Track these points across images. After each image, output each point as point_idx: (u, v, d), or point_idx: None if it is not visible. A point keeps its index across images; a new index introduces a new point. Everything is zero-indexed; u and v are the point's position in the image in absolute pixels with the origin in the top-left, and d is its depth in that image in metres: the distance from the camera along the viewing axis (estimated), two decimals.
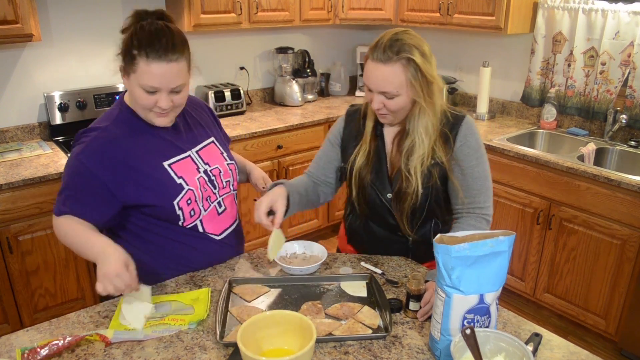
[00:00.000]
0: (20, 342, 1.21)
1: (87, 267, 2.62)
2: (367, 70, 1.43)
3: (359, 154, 1.55)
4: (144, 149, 1.42)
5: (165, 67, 1.29)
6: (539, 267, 2.77)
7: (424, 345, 1.21)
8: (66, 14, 2.83)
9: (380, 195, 1.54)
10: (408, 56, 1.36)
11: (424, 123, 1.45)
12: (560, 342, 1.23)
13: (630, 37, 2.70)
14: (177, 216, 1.43)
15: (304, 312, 1.30)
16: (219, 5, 3.02)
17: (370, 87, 1.43)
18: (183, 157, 1.48)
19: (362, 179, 1.55)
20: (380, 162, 1.54)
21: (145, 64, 1.29)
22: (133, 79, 1.32)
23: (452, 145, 1.48)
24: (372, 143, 1.55)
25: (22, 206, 2.36)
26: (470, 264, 1.08)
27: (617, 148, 2.81)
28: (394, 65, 1.37)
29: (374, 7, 3.62)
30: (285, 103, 3.67)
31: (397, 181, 1.51)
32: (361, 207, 1.60)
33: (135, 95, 1.34)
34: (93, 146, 1.37)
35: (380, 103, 1.43)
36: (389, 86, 1.39)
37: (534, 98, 3.21)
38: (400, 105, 1.43)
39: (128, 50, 1.31)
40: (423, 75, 1.38)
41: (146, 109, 1.37)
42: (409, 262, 1.59)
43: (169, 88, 1.33)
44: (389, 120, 1.50)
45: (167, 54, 1.29)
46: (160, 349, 1.19)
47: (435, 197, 1.51)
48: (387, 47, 1.37)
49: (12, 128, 2.82)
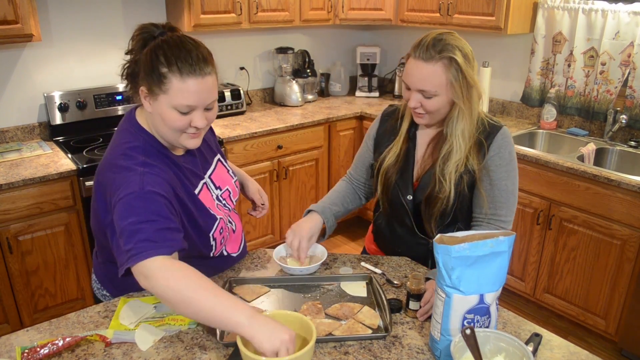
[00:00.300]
0: (20, 342, 1.21)
1: (87, 267, 2.63)
2: (408, 68, 1.43)
3: (389, 154, 1.56)
4: (177, 181, 1.29)
5: (201, 83, 1.18)
6: (539, 267, 2.77)
7: (424, 345, 1.21)
8: (66, 14, 2.83)
9: (402, 196, 1.55)
10: (450, 56, 1.36)
11: (461, 127, 1.43)
12: (560, 342, 1.23)
13: (630, 37, 2.70)
14: (210, 247, 1.37)
15: (304, 312, 1.30)
16: (219, 5, 3.02)
17: (409, 84, 1.42)
18: (202, 184, 1.39)
19: (388, 178, 1.56)
20: (408, 164, 1.55)
21: (180, 82, 1.16)
22: (164, 101, 1.19)
23: (486, 154, 1.46)
24: (404, 144, 1.55)
25: (22, 206, 2.36)
26: (470, 264, 1.08)
27: (617, 148, 2.81)
28: (436, 65, 1.36)
29: (374, 7, 3.62)
30: (285, 103, 3.67)
31: (426, 185, 1.49)
32: (384, 206, 1.62)
33: (167, 118, 1.20)
34: (150, 177, 1.20)
35: (418, 102, 1.42)
36: (428, 85, 1.38)
37: (534, 98, 3.21)
38: (437, 106, 1.41)
39: (153, 69, 1.17)
40: (464, 77, 1.38)
41: (179, 131, 1.23)
42: (408, 262, 1.59)
43: (204, 105, 1.22)
44: (425, 121, 1.48)
45: (202, 67, 1.18)
46: (160, 349, 1.19)
47: (461, 203, 1.50)
48: (430, 46, 1.36)
49: (12, 128, 2.82)
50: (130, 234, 1.12)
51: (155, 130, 1.29)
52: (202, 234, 1.34)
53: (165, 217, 1.17)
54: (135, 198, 1.16)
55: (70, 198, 2.48)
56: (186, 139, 1.26)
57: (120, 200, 1.16)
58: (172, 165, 1.30)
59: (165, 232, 1.15)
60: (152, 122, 1.28)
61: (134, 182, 1.18)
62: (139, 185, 1.17)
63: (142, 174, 1.20)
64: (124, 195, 1.16)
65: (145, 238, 1.12)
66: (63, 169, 2.44)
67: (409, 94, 1.44)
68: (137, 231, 1.12)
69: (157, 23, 1.26)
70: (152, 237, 1.12)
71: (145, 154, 1.25)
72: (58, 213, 2.47)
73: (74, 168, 2.46)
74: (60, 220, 2.48)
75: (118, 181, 1.19)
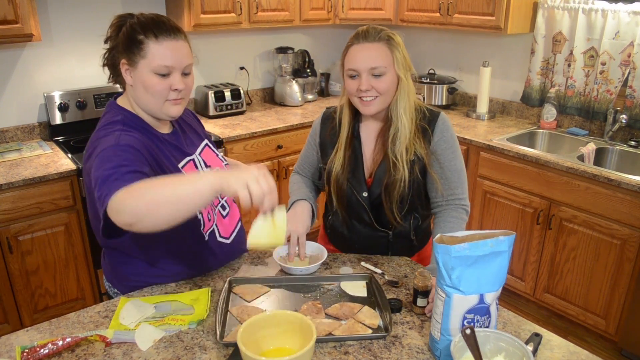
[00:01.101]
0: (20, 342, 1.21)
1: (87, 267, 2.63)
2: (352, 54, 1.48)
3: (335, 160, 1.59)
4: (159, 152, 1.34)
5: (176, 44, 1.29)
6: (539, 267, 2.77)
7: (424, 345, 1.21)
8: (66, 14, 2.83)
9: (357, 194, 1.59)
10: (390, 35, 1.48)
11: (402, 105, 1.50)
12: (560, 342, 1.23)
13: (630, 37, 2.70)
14: (198, 220, 1.40)
15: (304, 312, 1.30)
16: (219, 5, 3.02)
17: (358, 68, 1.47)
18: (188, 160, 1.44)
19: (340, 184, 1.59)
20: (357, 162, 1.59)
21: (157, 44, 1.26)
22: (143, 66, 1.27)
23: (431, 139, 1.54)
24: (349, 145, 1.59)
25: (22, 206, 2.36)
26: (470, 264, 1.08)
27: (617, 148, 2.81)
28: (379, 44, 1.46)
29: (374, 7, 3.62)
30: (285, 103, 3.67)
31: (382, 175, 1.54)
32: (340, 206, 1.65)
33: (148, 84, 1.28)
34: (126, 136, 1.25)
35: (369, 84, 1.46)
36: (378, 61, 1.45)
37: (534, 98, 3.21)
38: (388, 84, 1.47)
39: (131, 38, 1.27)
40: (403, 56, 1.48)
41: (161, 96, 1.30)
42: (408, 262, 1.59)
43: (182, 66, 1.30)
44: (375, 108, 1.51)
45: (175, 32, 1.29)
46: (160, 349, 1.19)
47: (416, 190, 1.57)
48: (367, 32, 1.47)
49: (12, 128, 2.82)
50: (101, 181, 1.12)
51: (138, 104, 1.34)
52: None
53: (137, 163, 1.18)
54: (109, 150, 1.19)
55: (70, 198, 2.48)
56: (169, 107, 1.32)
57: (97, 156, 1.19)
58: (153, 138, 1.35)
59: (135, 174, 1.14)
60: (134, 97, 1.33)
61: (110, 140, 1.23)
62: (115, 140, 1.22)
63: (118, 136, 1.24)
64: (100, 151, 1.20)
65: (115, 179, 1.11)
66: (63, 169, 2.44)
67: (357, 81, 1.48)
68: (107, 177, 1.12)
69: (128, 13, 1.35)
70: (121, 178, 1.11)
71: (123, 124, 1.30)
72: (58, 213, 2.47)
73: (73, 168, 2.46)
74: (60, 220, 2.48)
75: (97, 148, 1.23)
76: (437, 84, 3.56)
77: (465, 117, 3.44)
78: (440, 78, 3.63)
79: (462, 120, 3.35)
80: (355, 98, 1.52)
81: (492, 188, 2.91)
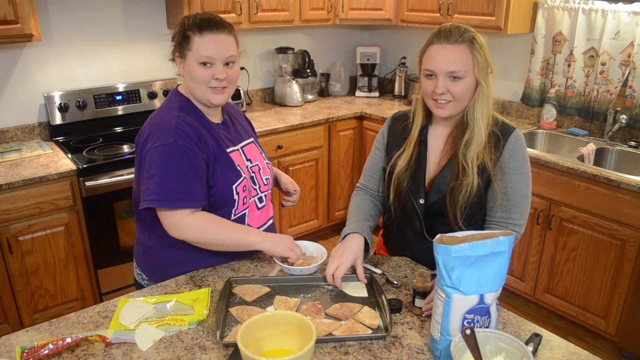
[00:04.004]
0: (20, 342, 1.21)
1: (87, 267, 2.63)
2: (431, 54, 1.42)
3: (401, 158, 1.54)
4: (209, 137, 1.48)
5: (217, 37, 1.42)
6: (539, 267, 2.77)
7: (424, 346, 1.21)
8: (66, 14, 2.83)
9: (414, 200, 1.53)
10: (473, 36, 1.40)
11: (481, 110, 1.44)
12: (560, 343, 1.23)
13: (630, 37, 2.70)
14: (234, 200, 1.50)
15: (304, 312, 1.30)
16: (219, 5, 3.02)
17: (436, 69, 1.41)
18: (235, 149, 1.56)
19: (400, 184, 1.54)
20: (420, 167, 1.53)
21: (199, 38, 1.41)
22: (190, 58, 1.42)
23: (501, 152, 1.46)
24: (415, 148, 1.54)
25: (22, 206, 2.36)
26: (470, 264, 1.08)
27: (617, 148, 2.81)
28: (461, 45, 1.39)
29: (374, 7, 3.62)
30: (285, 103, 3.67)
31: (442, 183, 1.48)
32: (395, 211, 1.60)
33: (194, 73, 1.43)
34: (182, 128, 1.41)
35: (445, 87, 1.41)
36: (457, 64, 1.39)
37: (534, 98, 3.21)
38: (464, 89, 1.41)
39: (182, 34, 1.43)
40: (485, 59, 1.42)
41: (204, 84, 1.44)
42: (408, 262, 1.59)
43: (222, 58, 1.43)
44: (448, 112, 1.45)
45: (218, 27, 1.42)
46: (160, 349, 1.19)
47: (478, 199, 1.48)
48: (451, 31, 1.40)
49: (12, 128, 2.82)
50: (160, 179, 1.37)
51: (190, 92, 1.49)
52: (226, 184, 1.49)
53: (194, 172, 1.40)
54: (169, 149, 1.38)
55: (70, 198, 2.48)
56: (211, 94, 1.46)
57: (155, 148, 1.39)
58: (205, 124, 1.50)
59: (193, 186, 1.40)
60: (187, 86, 1.49)
61: (169, 134, 1.39)
62: (173, 137, 1.39)
63: (175, 125, 1.40)
64: (160, 144, 1.39)
65: (174, 187, 1.38)
66: (63, 169, 2.44)
67: (433, 83, 1.42)
68: (167, 179, 1.37)
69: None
70: (181, 189, 1.38)
71: (180, 109, 1.47)
72: (58, 213, 2.47)
73: (73, 168, 2.46)
74: (60, 220, 2.48)
75: (154, 131, 1.42)
76: None
77: None
78: None
79: None
80: (430, 99, 1.46)
81: None
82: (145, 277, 1.61)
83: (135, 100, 3.09)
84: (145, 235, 1.57)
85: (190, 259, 1.53)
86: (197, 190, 1.41)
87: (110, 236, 2.65)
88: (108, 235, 2.64)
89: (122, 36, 3.05)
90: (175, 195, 1.37)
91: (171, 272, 1.52)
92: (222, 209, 1.50)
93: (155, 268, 1.58)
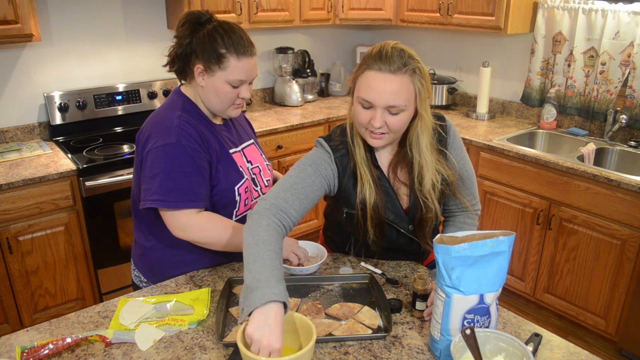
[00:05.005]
0: (20, 342, 1.21)
1: (87, 267, 2.63)
2: (369, 81, 1.27)
3: (365, 190, 1.39)
4: (211, 137, 1.48)
5: (251, 61, 1.45)
6: (539, 267, 2.77)
7: (424, 345, 1.21)
8: (66, 14, 2.83)
9: (402, 229, 1.47)
10: (416, 66, 1.27)
11: (424, 142, 1.36)
12: (560, 342, 1.23)
13: (630, 37, 2.70)
14: (235, 201, 1.51)
15: (304, 312, 1.30)
16: (219, 5, 3.02)
17: (374, 101, 1.27)
18: (236, 150, 1.57)
19: (380, 217, 1.42)
20: (391, 196, 1.43)
21: (237, 61, 1.41)
22: (219, 76, 1.41)
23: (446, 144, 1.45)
24: (374, 176, 1.40)
25: (22, 206, 2.36)
26: (470, 264, 1.08)
27: (617, 148, 2.81)
28: (403, 76, 1.26)
29: (374, 7, 3.62)
30: (285, 103, 3.67)
31: (415, 211, 1.44)
32: (377, 239, 1.48)
33: (221, 92, 1.43)
34: (184, 128, 1.41)
35: (383, 121, 1.28)
36: (399, 98, 1.26)
37: (534, 98, 3.21)
38: (403, 122, 1.31)
39: (213, 50, 1.39)
40: (427, 89, 1.30)
41: (230, 102, 1.46)
42: (408, 263, 1.59)
43: (251, 79, 1.47)
44: (384, 142, 1.35)
45: (251, 49, 1.45)
46: (160, 349, 1.19)
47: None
48: (392, 57, 1.25)
49: (12, 128, 2.82)
50: (164, 179, 1.36)
51: (203, 101, 1.49)
52: (229, 185, 1.49)
53: (197, 172, 1.39)
54: (172, 148, 1.37)
55: (70, 198, 2.48)
56: (232, 109, 1.49)
57: (158, 147, 1.38)
58: (207, 125, 1.50)
59: (197, 186, 1.39)
60: (201, 95, 1.48)
61: (171, 133, 1.38)
62: (176, 137, 1.38)
63: (178, 125, 1.40)
64: (162, 144, 1.38)
65: (178, 187, 1.37)
66: (63, 169, 2.44)
67: (370, 114, 1.29)
68: (171, 179, 1.36)
69: (200, 10, 1.47)
70: (185, 189, 1.37)
71: (182, 110, 1.46)
72: (58, 213, 2.47)
73: (73, 168, 2.46)
74: (60, 220, 2.48)
75: (155, 131, 1.41)
76: (437, 84, 3.56)
77: (465, 117, 3.44)
78: (440, 78, 3.63)
79: (462, 121, 3.35)
80: (364, 129, 1.34)
81: (492, 188, 2.91)
82: (143, 279, 1.60)
83: (135, 100, 3.09)
84: (144, 236, 1.56)
85: (191, 259, 1.53)
86: (201, 191, 1.41)
87: (110, 236, 2.65)
88: (108, 235, 2.64)
89: (122, 36, 3.05)
90: (180, 195, 1.37)
91: (171, 272, 1.52)
92: (224, 210, 1.50)
93: (154, 269, 1.57)
